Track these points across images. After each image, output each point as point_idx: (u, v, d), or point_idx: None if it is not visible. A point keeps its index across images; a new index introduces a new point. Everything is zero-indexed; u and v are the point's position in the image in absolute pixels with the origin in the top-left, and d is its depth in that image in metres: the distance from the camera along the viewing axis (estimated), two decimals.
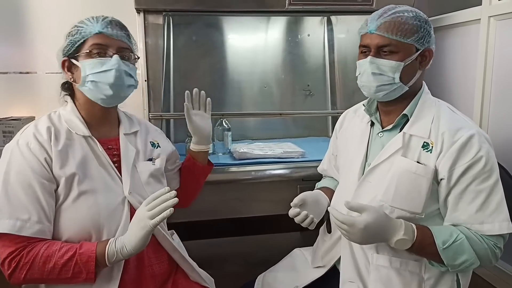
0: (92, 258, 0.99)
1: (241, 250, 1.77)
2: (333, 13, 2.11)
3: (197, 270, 1.27)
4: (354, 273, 1.15)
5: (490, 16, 1.88)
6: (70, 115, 1.12)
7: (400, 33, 1.05)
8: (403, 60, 1.07)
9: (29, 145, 1.03)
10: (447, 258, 1.01)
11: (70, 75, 1.11)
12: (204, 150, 1.41)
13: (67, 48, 1.09)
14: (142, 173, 1.17)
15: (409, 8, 1.11)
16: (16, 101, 2.10)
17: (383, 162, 1.12)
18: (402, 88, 1.10)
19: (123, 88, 1.10)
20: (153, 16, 1.75)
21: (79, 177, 1.05)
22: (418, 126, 1.09)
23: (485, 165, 1.01)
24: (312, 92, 2.27)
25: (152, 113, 1.76)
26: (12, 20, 2.05)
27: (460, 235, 1.02)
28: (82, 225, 1.04)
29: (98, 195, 1.06)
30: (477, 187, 1.02)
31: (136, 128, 1.24)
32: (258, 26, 2.24)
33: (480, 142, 1.02)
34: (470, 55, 2.04)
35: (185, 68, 2.15)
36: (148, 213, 1.00)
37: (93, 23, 1.08)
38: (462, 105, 2.14)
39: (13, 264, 0.97)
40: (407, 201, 1.06)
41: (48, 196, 1.01)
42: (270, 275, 1.36)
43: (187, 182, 1.40)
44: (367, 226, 0.98)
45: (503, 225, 1.01)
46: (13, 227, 0.97)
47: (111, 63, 1.06)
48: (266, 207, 1.71)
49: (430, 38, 1.10)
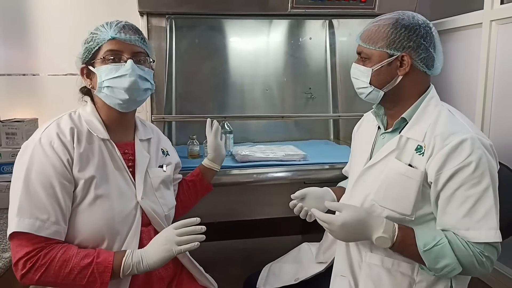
0: (108, 269, 0.99)
1: (243, 253, 1.77)
2: (335, 17, 2.12)
3: (205, 275, 1.28)
4: (347, 268, 1.17)
5: (492, 20, 1.89)
6: (90, 116, 1.12)
7: (370, 41, 1.12)
8: (372, 66, 1.12)
9: (52, 144, 1.02)
10: (428, 261, 1.01)
11: (89, 82, 1.12)
12: (215, 169, 1.48)
13: (84, 55, 1.10)
14: (153, 179, 1.19)
15: (395, 15, 1.12)
16: (19, 103, 2.11)
17: (378, 163, 1.14)
18: (378, 92, 1.14)
19: (139, 92, 1.11)
20: (157, 19, 1.76)
21: (97, 180, 1.05)
22: (416, 129, 1.10)
23: (475, 170, 0.99)
24: (313, 95, 2.28)
25: (154, 115, 1.77)
26: (15, 22, 2.06)
27: (443, 239, 1.01)
28: (96, 228, 1.04)
29: (113, 200, 1.07)
30: (466, 192, 1.00)
31: (150, 135, 1.26)
32: (261, 29, 2.25)
33: (473, 147, 1.00)
34: (472, 59, 2.04)
35: (187, 71, 2.16)
36: (177, 238, 1.01)
37: (106, 29, 1.08)
38: (464, 108, 2.15)
39: (29, 264, 0.96)
40: (396, 202, 1.08)
41: (67, 197, 1.01)
42: (276, 265, 1.43)
43: (187, 195, 1.42)
44: (344, 223, 1.03)
45: (490, 233, 0.98)
46: (33, 227, 0.96)
47: (125, 68, 1.07)
48: (268, 210, 1.71)
49: (410, 44, 1.09)
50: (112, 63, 1.07)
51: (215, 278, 1.34)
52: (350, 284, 1.15)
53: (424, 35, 1.09)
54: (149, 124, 1.32)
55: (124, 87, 1.07)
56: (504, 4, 1.85)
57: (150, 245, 1.04)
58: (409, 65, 1.09)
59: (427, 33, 1.10)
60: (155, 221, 1.15)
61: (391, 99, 1.16)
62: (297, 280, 1.32)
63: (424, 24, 1.11)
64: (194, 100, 2.18)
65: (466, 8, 2.08)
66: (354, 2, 1.84)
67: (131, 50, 1.09)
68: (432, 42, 1.11)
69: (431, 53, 1.10)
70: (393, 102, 1.16)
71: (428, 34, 1.10)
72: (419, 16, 1.13)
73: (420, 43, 1.09)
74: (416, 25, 1.09)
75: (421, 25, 1.10)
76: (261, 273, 1.42)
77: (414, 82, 1.13)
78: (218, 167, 1.49)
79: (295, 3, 1.80)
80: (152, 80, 1.15)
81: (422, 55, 1.09)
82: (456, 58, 2.18)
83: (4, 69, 2.09)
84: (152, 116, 1.77)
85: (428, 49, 1.10)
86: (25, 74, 2.11)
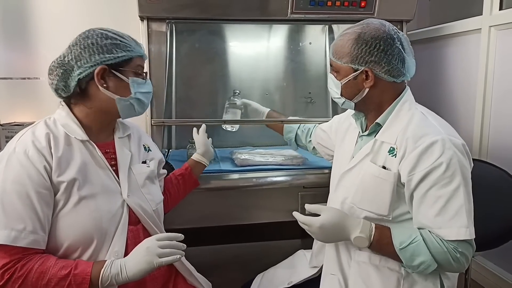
0: (86, 280, 0.97)
1: (242, 257, 1.76)
2: (335, 22, 2.13)
3: (195, 275, 1.28)
4: (336, 267, 1.21)
5: (491, 26, 1.90)
6: (66, 120, 1.10)
7: (337, 55, 1.16)
8: (341, 80, 1.17)
9: (27, 153, 1.00)
10: (405, 259, 1.05)
11: (102, 82, 1.08)
12: (204, 163, 1.53)
13: (109, 55, 1.07)
14: (138, 175, 1.19)
15: (359, 29, 1.13)
16: (19, 107, 2.12)
17: (355, 167, 1.19)
18: (350, 103, 1.20)
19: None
20: (157, 24, 1.77)
21: (79, 182, 1.04)
22: (389, 133, 1.14)
23: (445, 170, 1.02)
24: (313, 99, 2.28)
25: (154, 119, 1.77)
26: (15, 26, 2.07)
27: (418, 237, 1.04)
28: (84, 230, 1.03)
29: (98, 200, 1.06)
30: (437, 192, 1.03)
31: (128, 131, 1.25)
32: (260, 34, 2.26)
33: (443, 148, 1.03)
34: (471, 64, 2.05)
35: (187, 75, 2.16)
36: (158, 250, 1.01)
37: (136, 44, 1.13)
38: (463, 113, 2.16)
39: (6, 276, 0.95)
40: (373, 204, 1.12)
41: (45, 206, 1.00)
42: (270, 271, 1.45)
43: (176, 189, 1.43)
44: (322, 225, 1.08)
45: (461, 231, 1.01)
46: (8, 238, 0.94)
47: (150, 86, 1.18)
48: (267, 214, 1.71)
49: (372, 58, 1.11)
50: (141, 78, 1.14)
51: (213, 283, 1.33)
52: (340, 282, 1.18)
53: (386, 49, 1.11)
54: (128, 122, 1.29)
55: (147, 102, 1.17)
56: (503, 10, 1.86)
57: (131, 256, 1.03)
58: (373, 79, 1.13)
59: (390, 45, 1.11)
60: (143, 219, 1.15)
61: (364, 108, 1.21)
62: (290, 283, 1.33)
63: (387, 36, 1.11)
64: (194, 105, 2.19)
65: (465, 13, 2.09)
66: (354, 7, 1.85)
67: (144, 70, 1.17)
68: (396, 53, 1.11)
69: (395, 65, 1.12)
70: (367, 110, 1.21)
71: (391, 47, 1.11)
72: (385, 27, 1.13)
73: (382, 57, 1.11)
74: (377, 40, 1.11)
75: (383, 38, 1.11)
76: (255, 280, 1.44)
77: (383, 92, 1.16)
78: (207, 162, 1.54)
79: (294, 8, 1.81)
80: None
81: (385, 68, 1.12)
82: (455, 63, 2.19)
83: (5, 72, 2.10)
84: (152, 120, 1.77)
85: (391, 62, 1.11)
86: (25, 78, 2.12)
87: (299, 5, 1.80)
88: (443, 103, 2.28)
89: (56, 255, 1.02)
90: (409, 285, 1.11)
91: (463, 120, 2.14)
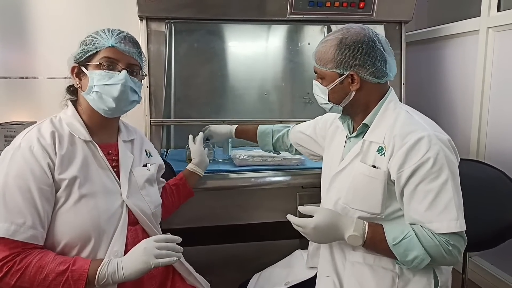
0: (83, 277, 0.98)
1: (240, 257, 1.76)
2: (334, 22, 2.13)
3: (194, 274, 1.29)
4: (331, 269, 1.21)
5: (489, 27, 1.90)
6: (71, 119, 1.13)
7: (321, 62, 1.18)
8: (327, 86, 1.18)
9: (31, 149, 1.03)
10: (398, 254, 1.06)
11: (78, 81, 1.14)
12: (199, 173, 1.53)
13: (79, 55, 1.12)
14: (138, 178, 1.21)
15: (339, 34, 1.15)
16: (17, 106, 2.12)
17: (346, 168, 1.21)
18: (338, 107, 1.21)
19: (126, 103, 1.14)
20: (156, 24, 1.77)
21: (80, 180, 1.06)
22: (376, 132, 1.16)
23: (433, 165, 1.04)
24: (311, 100, 2.28)
25: (153, 119, 1.77)
26: (14, 26, 2.07)
27: (410, 232, 1.06)
28: (82, 228, 1.04)
29: (98, 199, 1.08)
30: (426, 186, 1.05)
31: (133, 136, 1.28)
32: (259, 34, 2.26)
33: (430, 144, 1.05)
34: (469, 65, 2.06)
35: (186, 75, 2.17)
36: (156, 250, 1.02)
37: (108, 36, 1.11)
38: (460, 114, 2.16)
39: (5, 268, 0.96)
40: (365, 203, 1.14)
41: (46, 202, 1.01)
42: (267, 270, 1.46)
43: (171, 199, 1.44)
44: (316, 226, 1.09)
45: (451, 224, 1.03)
46: (7, 231, 0.96)
47: (118, 78, 1.09)
48: (266, 214, 1.72)
49: (356, 62, 1.13)
50: (107, 70, 1.10)
51: (211, 282, 1.34)
52: (335, 284, 1.19)
53: (369, 52, 1.13)
54: (132, 127, 1.33)
55: (113, 95, 1.09)
56: (500, 12, 1.87)
57: (128, 255, 1.04)
58: (359, 81, 1.15)
59: (372, 48, 1.13)
60: (142, 220, 1.16)
61: (351, 111, 1.22)
62: (287, 284, 1.33)
63: (368, 39, 1.14)
64: (193, 104, 2.19)
65: (463, 15, 2.10)
66: (353, 8, 1.86)
67: (127, 61, 1.12)
68: (378, 55, 1.14)
69: (378, 66, 1.14)
70: (354, 112, 1.23)
71: (373, 49, 1.13)
72: (365, 31, 1.16)
73: (366, 60, 1.13)
74: (359, 43, 1.13)
75: (365, 41, 1.13)
76: (252, 279, 1.45)
77: (369, 93, 1.18)
78: (202, 172, 1.54)
79: (293, 9, 1.81)
80: (140, 93, 1.18)
81: (369, 70, 1.14)
82: (453, 64, 2.20)
83: (3, 72, 2.10)
84: (151, 120, 1.77)
85: (375, 63, 1.14)
86: (24, 77, 2.12)
87: (298, 5, 1.81)
88: (441, 104, 2.29)
89: (54, 251, 1.03)
90: (404, 283, 1.12)
91: (461, 121, 2.15)
